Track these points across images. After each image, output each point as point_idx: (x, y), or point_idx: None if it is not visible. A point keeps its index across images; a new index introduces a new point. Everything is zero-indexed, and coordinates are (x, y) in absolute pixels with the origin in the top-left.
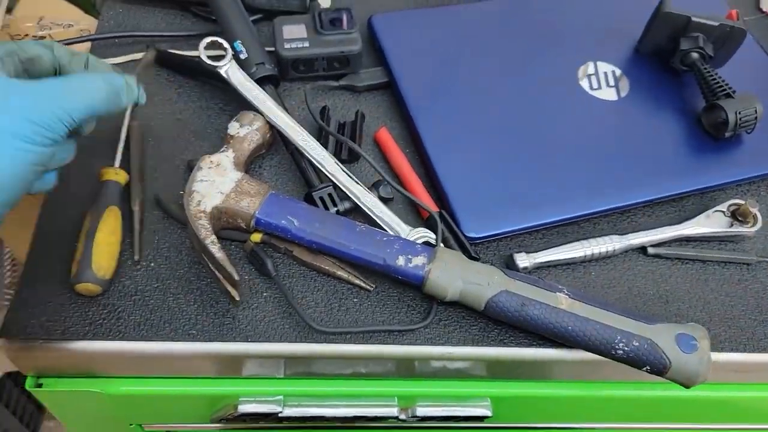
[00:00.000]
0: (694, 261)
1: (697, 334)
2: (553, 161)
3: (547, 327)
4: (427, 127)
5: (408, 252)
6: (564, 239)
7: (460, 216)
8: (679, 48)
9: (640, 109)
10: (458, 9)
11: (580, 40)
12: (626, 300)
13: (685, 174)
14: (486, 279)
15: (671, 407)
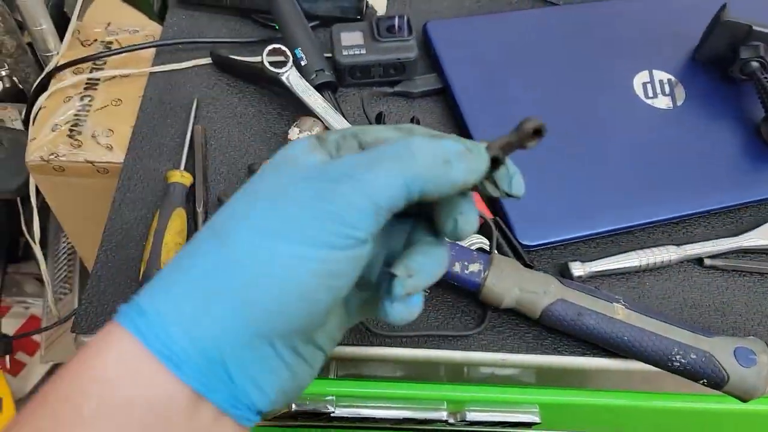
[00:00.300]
0: (752, 273)
1: (756, 348)
2: (608, 170)
3: (603, 337)
4: (481, 134)
5: (464, 258)
6: (619, 248)
7: (515, 223)
8: (739, 57)
9: (696, 117)
10: (511, 16)
11: (636, 47)
12: (682, 311)
13: (743, 185)
14: (542, 287)
15: (726, 420)
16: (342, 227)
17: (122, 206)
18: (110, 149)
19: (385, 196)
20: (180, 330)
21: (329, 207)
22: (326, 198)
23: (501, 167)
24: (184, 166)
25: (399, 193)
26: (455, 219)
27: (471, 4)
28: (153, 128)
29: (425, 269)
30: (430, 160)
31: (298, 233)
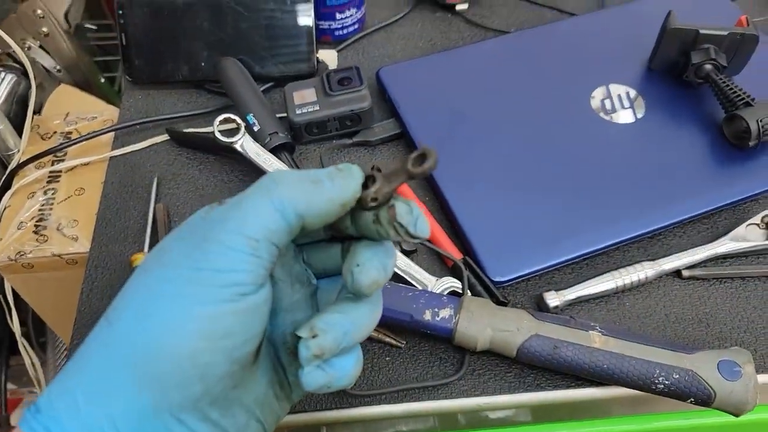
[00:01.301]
0: (732, 279)
1: (740, 359)
2: (575, 193)
3: (582, 368)
4: (443, 173)
5: (434, 305)
6: (594, 271)
7: (485, 260)
8: (691, 62)
9: (659, 127)
10: (463, 51)
11: (590, 65)
12: (665, 328)
13: (714, 189)
14: (515, 324)
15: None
16: (219, 275)
17: (91, 296)
18: (76, 240)
19: (256, 226)
20: (74, 421)
21: (201, 258)
22: (198, 249)
23: (400, 205)
24: (148, 247)
25: (271, 219)
26: (351, 272)
27: (424, 44)
28: (116, 213)
29: (336, 328)
30: (295, 182)
31: (178, 295)
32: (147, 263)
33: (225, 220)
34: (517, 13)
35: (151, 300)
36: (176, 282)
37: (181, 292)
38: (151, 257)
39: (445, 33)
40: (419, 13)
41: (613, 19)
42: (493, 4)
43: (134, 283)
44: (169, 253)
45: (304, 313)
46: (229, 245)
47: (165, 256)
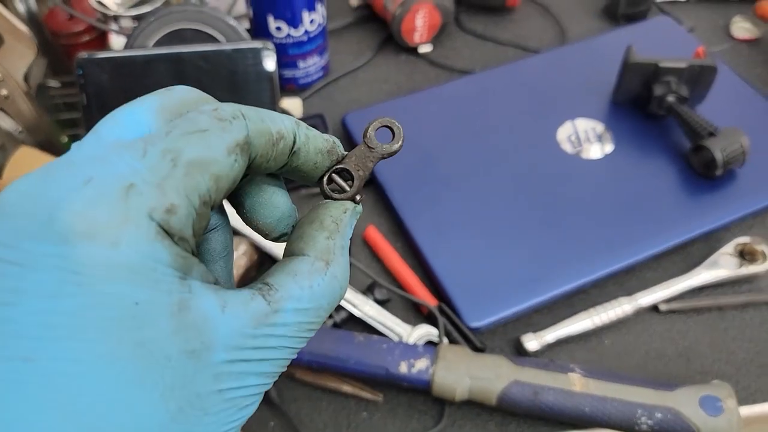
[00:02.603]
0: (710, 310)
1: (721, 393)
2: (548, 232)
3: (564, 413)
4: (414, 219)
5: (410, 356)
6: (572, 309)
7: (461, 306)
8: (653, 94)
9: (628, 161)
10: (428, 93)
11: (554, 102)
12: (645, 365)
13: (685, 220)
14: (493, 371)
15: None
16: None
17: None
18: None
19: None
20: None
21: (267, 385)
22: (271, 376)
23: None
24: None
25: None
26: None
27: (390, 88)
28: None
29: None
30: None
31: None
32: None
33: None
34: (480, 52)
35: None
36: None
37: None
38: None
39: (409, 76)
40: (383, 57)
41: (575, 55)
42: (456, 45)
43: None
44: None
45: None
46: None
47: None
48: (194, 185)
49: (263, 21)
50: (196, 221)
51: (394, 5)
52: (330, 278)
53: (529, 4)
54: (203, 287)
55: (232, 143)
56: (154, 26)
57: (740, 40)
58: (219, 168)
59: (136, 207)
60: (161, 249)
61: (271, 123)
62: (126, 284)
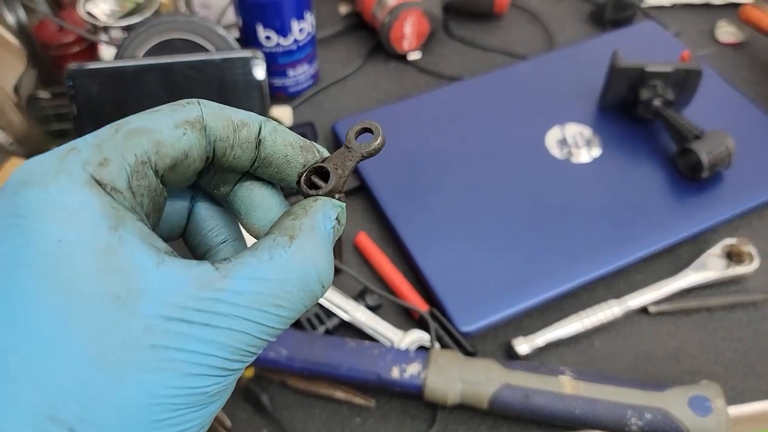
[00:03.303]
0: (698, 311)
1: (710, 393)
2: (538, 236)
3: (554, 415)
4: (404, 225)
5: (401, 361)
6: (562, 312)
7: (452, 311)
8: (640, 98)
9: (615, 165)
10: (417, 100)
11: (542, 107)
12: (635, 366)
13: (673, 223)
14: (484, 375)
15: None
16: (237, 373)
17: None
18: None
19: (281, 332)
20: None
21: (232, 362)
22: (220, 352)
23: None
24: None
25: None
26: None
27: (379, 95)
28: None
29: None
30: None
31: (203, 399)
32: None
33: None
34: (469, 59)
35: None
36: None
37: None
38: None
39: (399, 83)
40: (373, 64)
41: (563, 60)
42: (445, 52)
43: (109, 380)
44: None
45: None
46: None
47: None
48: (130, 145)
49: (252, 30)
50: (133, 177)
51: (382, 13)
52: (295, 250)
53: (516, 10)
54: (136, 241)
55: (180, 119)
56: (144, 36)
57: (725, 44)
58: (161, 136)
59: (71, 161)
60: (89, 195)
61: (232, 112)
62: (52, 223)
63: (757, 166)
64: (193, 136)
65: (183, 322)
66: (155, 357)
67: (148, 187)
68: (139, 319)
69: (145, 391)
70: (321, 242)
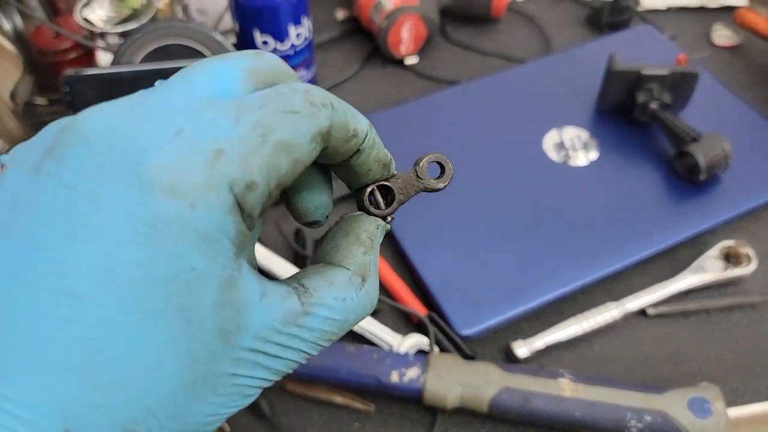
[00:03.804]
0: (697, 313)
1: (709, 395)
2: (536, 239)
3: (554, 418)
4: (402, 229)
5: (400, 365)
6: (561, 315)
7: (450, 314)
8: (636, 101)
9: (613, 168)
10: (415, 104)
11: (540, 111)
12: (634, 369)
13: (671, 225)
14: (484, 378)
15: None
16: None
17: None
18: None
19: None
20: None
21: (269, 382)
22: (279, 374)
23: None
24: None
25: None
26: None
27: (377, 99)
28: None
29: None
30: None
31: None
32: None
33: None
34: (466, 63)
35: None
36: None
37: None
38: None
39: (396, 87)
40: (370, 69)
41: (560, 64)
42: (442, 56)
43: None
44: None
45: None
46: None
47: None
48: (276, 166)
49: (249, 36)
50: (267, 202)
51: (379, 18)
52: (363, 295)
53: (514, 14)
54: (250, 270)
55: (316, 131)
56: (141, 42)
57: (721, 47)
58: (300, 153)
59: (220, 175)
60: (230, 222)
61: (351, 119)
62: (192, 249)
63: (754, 168)
64: (319, 149)
65: (262, 354)
66: (231, 383)
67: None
68: (233, 352)
69: (211, 411)
70: (377, 278)
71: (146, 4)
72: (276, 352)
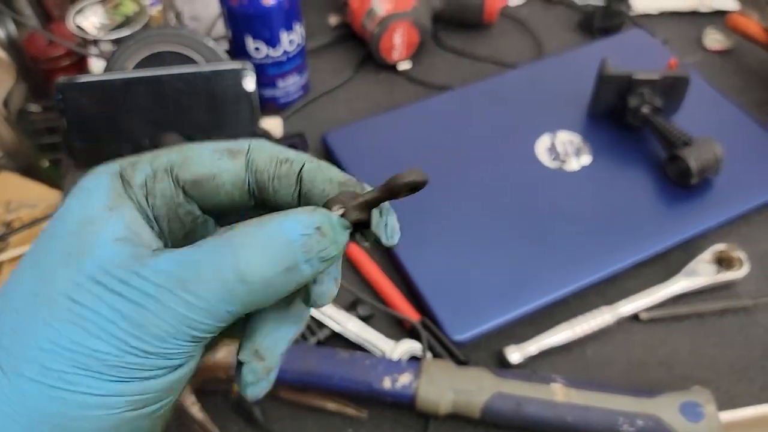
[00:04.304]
0: (689, 317)
1: (701, 398)
2: (529, 244)
3: (546, 423)
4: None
5: (393, 371)
6: (554, 320)
7: (443, 320)
8: (628, 106)
9: (606, 172)
10: (407, 110)
11: (532, 116)
12: (627, 373)
13: (663, 229)
14: (476, 384)
15: None
16: (151, 360)
17: None
18: None
19: (207, 328)
20: None
21: (133, 338)
22: (127, 325)
23: (374, 217)
24: None
25: (223, 318)
26: (309, 291)
27: (370, 105)
28: None
29: (278, 346)
30: (269, 278)
31: (86, 366)
32: (46, 285)
33: (168, 302)
34: (459, 68)
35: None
36: (97, 352)
37: (105, 366)
38: (52, 279)
39: (389, 93)
40: (363, 75)
41: (552, 69)
42: (435, 61)
43: (32, 319)
44: (87, 296)
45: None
46: (168, 338)
47: (79, 296)
48: (162, 155)
49: (242, 42)
50: (149, 179)
51: (372, 24)
52: (221, 239)
53: (506, 19)
54: (118, 222)
55: (222, 148)
56: (133, 49)
57: (713, 51)
58: (193, 154)
59: (119, 162)
60: (105, 180)
61: (279, 151)
62: (73, 198)
63: (746, 171)
64: (229, 163)
65: (102, 286)
66: (69, 309)
67: (163, 191)
68: (73, 275)
69: (49, 336)
70: (265, 240)
71: (139, 11)
72: (117, 288)
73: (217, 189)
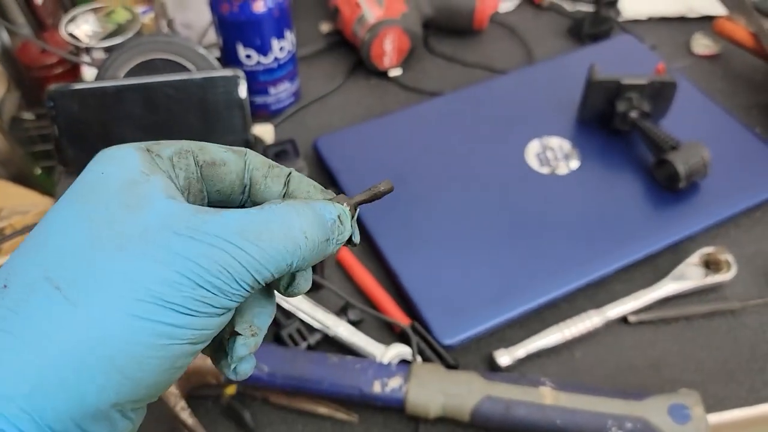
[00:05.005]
0: (677, 320)
1: (689, 401)
2: (518, 248)
3: (535, 426)
4: (386, 239)
5: (383, 376)
6: (543, 323)
7: (433, 324)
8: (616, 111)
9: (594, 176)
10: (398, 116)
11: (522, 121)
12: (616, 376)
13: (652, 233)
14: (465, 387)
15: None
16: (218, 298)
17: None
18: None
19: (268, 275)
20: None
21: (207, 275)
22: (203, 263)
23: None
24: None
25: (281, 270)
26: (293, 278)
27: (361, 111)
28: None
29: (263, 325)
30: (317, 243)
31: (163, 298)
32: (103, 229)
33: (242, 252)
34: (449, 74)
35: (126, 295)
36: (168, 283)
37: (173, 295)
38: (111, 225)
39: (380, 99)
40: (354, 81)
41: (541, 74)
42: (425, 67)
43: (90, 247)
44: (159, 238)
45: None
46: (238, 280)
47: (151, 237)
48: (179, 141)
49: (233, 49)
50: (175, 156)
51: (363, 30)
52: (285, 205)
53: (496, 26)
54: (158, 185)
55: (227, 147)
56: (125, 57)
57: (701, 56)
58: (207, 145)
59: (143, 143)
60: (136, 151)
61: (269, 161)
62: (101, 163)
63: (733, 175)
64: (234, 156)
65: (172, 232)
66: (143, 246)
67: (187, 167)
68: (139, 221)
69: (125, 272)
70: (313, 213)
71: (131, 20)
72: (188, 233)
73: (225, 175)
